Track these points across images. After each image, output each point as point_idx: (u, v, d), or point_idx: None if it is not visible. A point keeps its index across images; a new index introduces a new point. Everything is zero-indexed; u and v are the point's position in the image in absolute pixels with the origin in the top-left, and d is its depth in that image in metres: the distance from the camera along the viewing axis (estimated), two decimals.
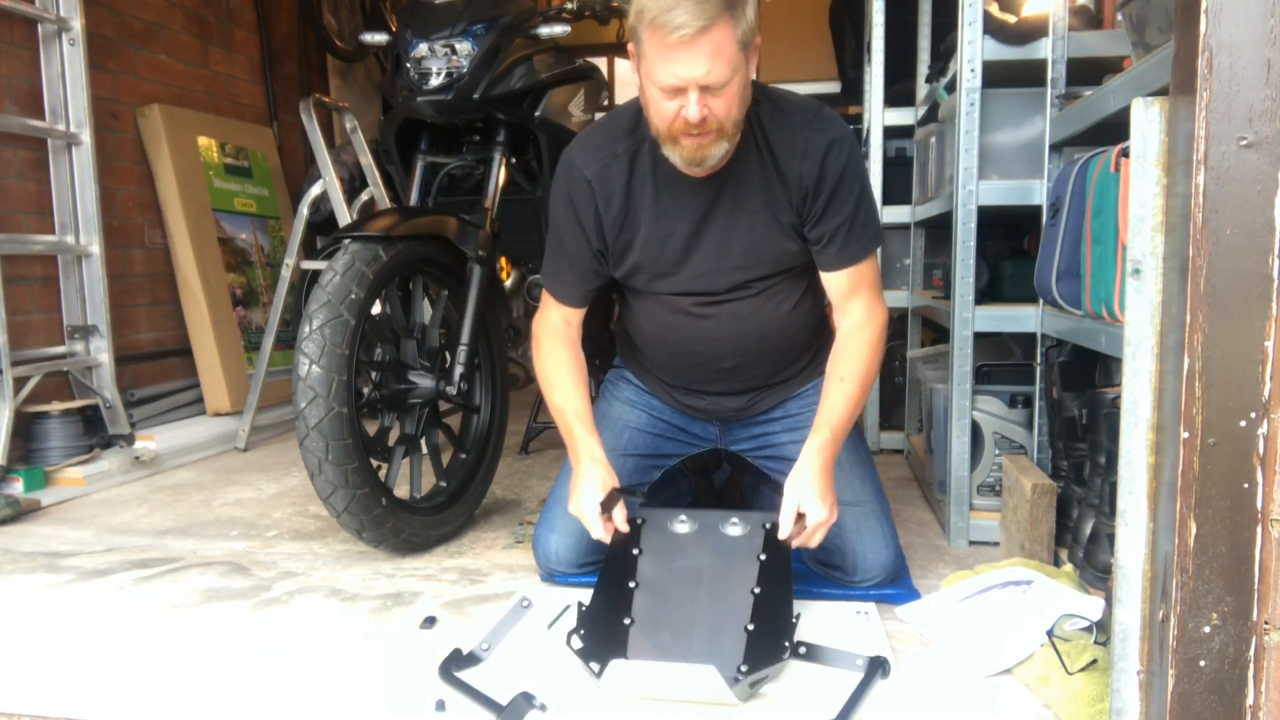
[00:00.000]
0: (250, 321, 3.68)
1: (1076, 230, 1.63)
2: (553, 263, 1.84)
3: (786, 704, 1.35)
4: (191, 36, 3.69)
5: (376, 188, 3.17)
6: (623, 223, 1.74)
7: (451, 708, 1.34)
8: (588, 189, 1.73)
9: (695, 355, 1.84)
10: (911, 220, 3.04)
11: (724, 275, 1.75)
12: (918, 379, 2.82)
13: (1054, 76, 1.95)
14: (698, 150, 1.56)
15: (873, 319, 1.73)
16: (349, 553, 2.09)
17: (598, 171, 1.72)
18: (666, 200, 1.71)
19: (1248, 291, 0.98)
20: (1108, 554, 1.58)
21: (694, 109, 1.49)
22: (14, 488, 2.54)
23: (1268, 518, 0.99)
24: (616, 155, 1.72)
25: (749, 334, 1.80)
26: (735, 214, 1.70)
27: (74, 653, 1.56)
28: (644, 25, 1.46)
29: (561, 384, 1.76)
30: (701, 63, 1.45)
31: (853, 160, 1.68)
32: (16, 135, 2.81)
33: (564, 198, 1.77)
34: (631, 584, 1.55)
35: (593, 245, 1.77)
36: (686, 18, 1.41)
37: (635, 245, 1.75)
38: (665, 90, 1.50)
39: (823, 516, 1.57)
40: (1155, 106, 1.07)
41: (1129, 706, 1.12)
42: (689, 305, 1.79)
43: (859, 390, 1.67)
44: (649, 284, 1.80)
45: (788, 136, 1.66)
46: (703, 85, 1.47)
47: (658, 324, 1.84)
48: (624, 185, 1.72)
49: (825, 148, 1.65)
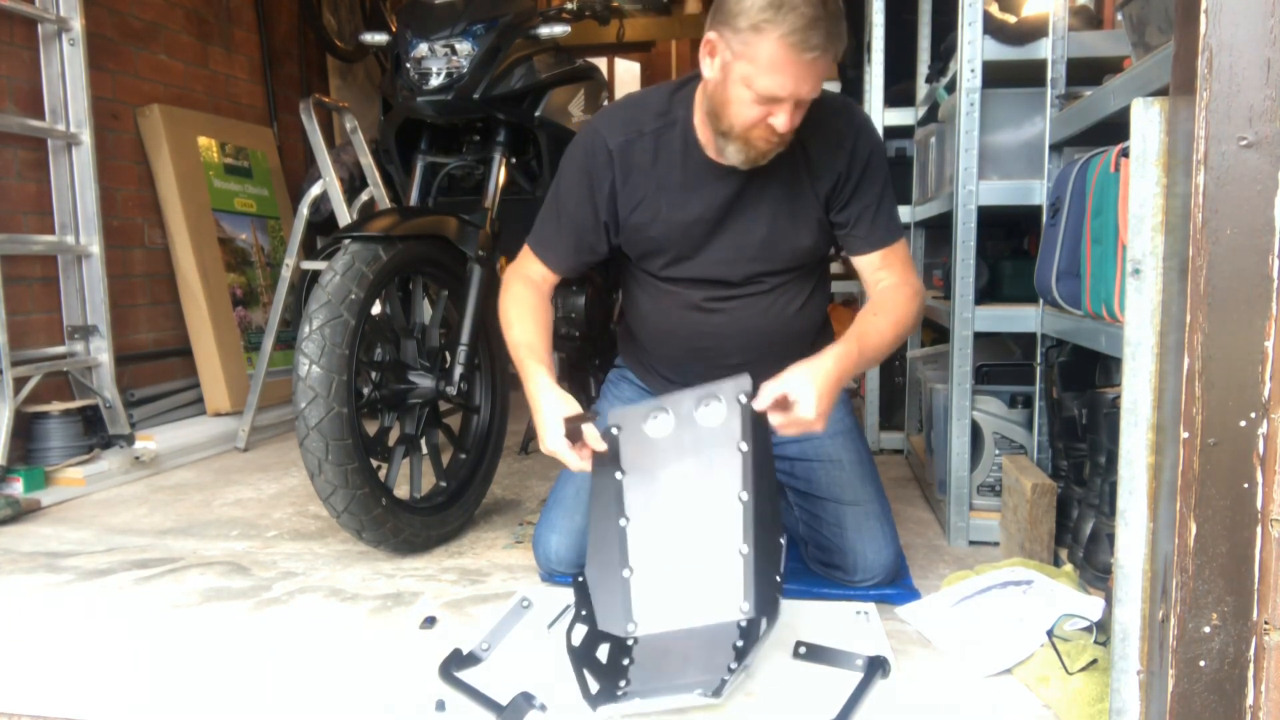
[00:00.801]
0: (250, 321, 3.68)
1: (1076, 230, 1.63)
2: (549, 227, 1.80)
3: (786, 704, 1.35)
4: (191, 36, 3.70)
5: (376, 188, 3.17)
6: (639, 201, 1.72)
7: (451, 708, 1.34)
8: (608, 159, 1.71)
9: (703, 352, 1.83)
10: (911, 220, 3.04)
11: (741, 265, 1.75)
12: (918, 379, 2.82)
13: (1054, 76, 1.96)
14: (765, 154, 1.59)
15: (908, 282, 1.72)
16: (349, 553, 2.09)
17: (621, 144, 1.70)
18: (693, 186, 1.70)
19: (1248, 291, 0.98)
20: (1108, 554, 1.58)
21: (784, 120, 1.50)
22: (14, 488, 2.54)
23: (1268, 518, 0.99)
24: (643, 133, 1.70)
25: (757, 331, 1.80)
26: (759, 205, 1.71)
27: (74, 653, 1.56)
28: (765, 34, 1.42)
29: (522, 321, 1.71)
30: (811, 82, 1.47)
31: (878, 147, 1.73)
32: (16, 135, 2.81)
33: (579, 164, 1.74)
34: (622, 521, 1.51)
35: (600, 216, 1.74)
36: (822, 40, 1.42)
37: (654, 226, 1.73)
38: (762, 97, 1.48)
39: (810, 414, 1.46)
40: (1155, 106, 1.07)
41: (1129, 706, 1.12)
42: (700, 299, 1.78)
43: (892, 329, 1.63)
44: (665, 269, 1.78)
45: (820, 129, 1.66)
46: (800, 100, 1.49)
47: (669, 319, 1.83)
48: (647, 163, 1.70)
49: (855, 135, 1.69)
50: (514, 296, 1.77)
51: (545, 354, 1.69)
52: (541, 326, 1.73)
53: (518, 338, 1.70)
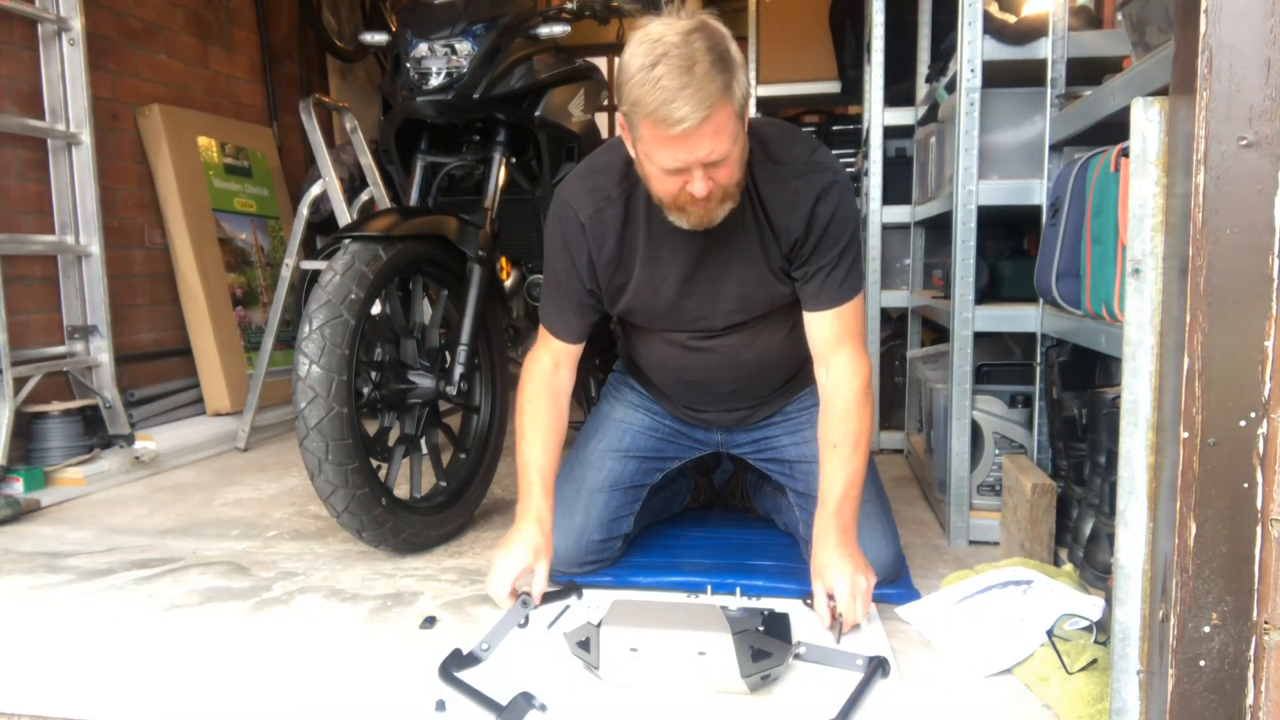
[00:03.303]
0: (250, 321, 3.68)
1: (1076, 230, 1.63)
2: (551, 300, 1.82)
3: (786, 703, 1.35)
4: (191, 36, 3.70)
5: (376, 188, 3.17)
6: (616, 266, 1.73)
7: (451, 708, 1.34)
8: (581, 231, 1.72)
9: (695, 383, 1.88)
10: (911, 220, 3.04)
11: (719, 318, 1.76)
12: (918, 379, 2.82)
13: (1054, 76, 1.95)
14: (705, 215, 1.56)
15: (856, 373, 1.68)
16: (349, 553, 2.09)
17: (591, 215, 1.70)
18: (660, 246, 1.70)
19: (1248, 291, 0.98)
20: (1108, 554, 1.58)
21: (699, 186, 1.48)
22: (14, 488, 2.54)
23: (1268, 518, 0.99)
24: (611, 199, 1.70)
25: (746, 364, 1.82)
26: (728, 261, 1.70)
27: (74, 653, 1.56)
28: (640, 116, 1.43)
29: (533, 436, 1.75)
30: (704, 145, 1.43)
31: (842, 206, 1.66)
32: (16, 135, 2.81)
33: (558, 237, 1.75)
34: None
35: (586, 285, 1.76)
36: (687, 109, 1.38)
37: (629, 288, 1.75)
38: (668, 171, 1.48)
39: (846, 588, 1.55)
40: (1155, 106, 1.07)
41: (1129, 706, 1.12)
42: (686, 339, 1.81)
43: (855, 454, 1.65)
44: (646, 322, 1.82)
45: (778, 189, 1.65)
46: (706, 164, 1.46)
47: (657, 355, 1.87)
48: (618, 229, 1.70)
49: (815, 198, 1.64)
50: (527, 403, 1.78)
51: (551, 477, 1.75)
52: (554, 443, 1.76)
53: (528, 454, 1.74)
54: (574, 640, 1.42)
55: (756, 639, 1.34)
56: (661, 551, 1.99)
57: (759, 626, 1.36)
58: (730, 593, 1.74)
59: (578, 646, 1.41)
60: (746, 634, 1.33)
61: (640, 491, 1.94)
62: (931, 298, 2.59)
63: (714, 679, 1.34)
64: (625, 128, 1.53)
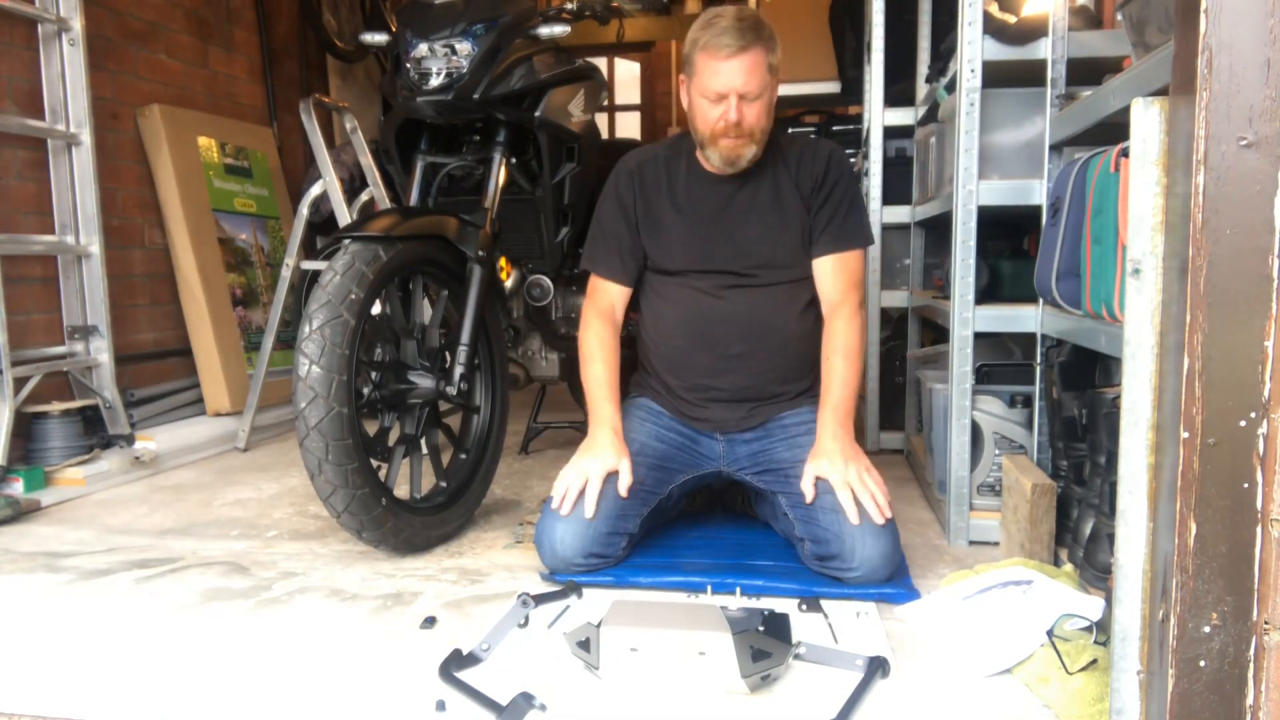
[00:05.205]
0: (250, 321, 3.68)
1: (1076, 230, 1.63)
2: (597, 246, 2.13)
3: (786, 703, 1.35)
4: (191, 36, 3.70)
5: (376, 188, 3.17)
6: (652, 208, 2.09)
7: (451, 708, 1.34)
8: (629, 178, 2.11)
9: (708, 338, 2.04)
10: (911, 220, 3.04)
11: (740, 258, 2.04)
12: (917, 379, 2.82)
13: (1054, 76, 1.95)
14: (734, 149, 1.95)
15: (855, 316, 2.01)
16: (349, 553, 2.09)
17: (639, 164, 2.13)
18: (694, 191, 2.07)
19: (1248, 291, 0.98)
20: (1108, 554, 1.58)
21: (733, 111, 1.88)
22: (14, 488, 2.54)
23: (1268, 518, 0.99)
24: (659, 157, 2.13)
25: (759, 322, 2.03)
26: (751, 207, 2.04)
27: (74, 653, 1.56)
28: (697, 50, 1.89)
29: (599, 361, 2.03)
30: (740, 75, 1.86)
31: (849, 169, 2.08)
32: (16, 135, 2.81)
33: (612, 187, 2.13)
34: None
35: (630, 221, 2.10)
36: (730, 39, 1.85)
37: (664, 226, 2.08)
38: (711, 97, 1.89)
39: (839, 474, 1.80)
40: (1155, 106, 1.07)
41: (1129, 706, 1.12)
42: (708, 286, 2.05)
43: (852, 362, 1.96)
44: (676, 265, 2.07)
45: (800, 149, 2.08)
46: (741, 94, 1.88)
47: (678, 310, 2.07)
48: (657, 179, 2.10)
49: (829, 154, 2.07)
50: (593, 333, 2.06)
51: (615, 392, 2.02)
52: (615, 361, 2.05)
53: (595, 374, 2.02)
54: (574, 640, 1.42)
55: (757, 639, 1.34)
56: (661, 551, 1.99)
57: (759, 627, 1.37)
58: (730, 593, 1.74)
59: (578, 646, 1.41)
60: (747, 634, 1.34)
61: (650, 498, 1.95)
62: (931, 298, 2.59)
63: (714, 679, 1.34)
64: (684, 81, 1.97)
